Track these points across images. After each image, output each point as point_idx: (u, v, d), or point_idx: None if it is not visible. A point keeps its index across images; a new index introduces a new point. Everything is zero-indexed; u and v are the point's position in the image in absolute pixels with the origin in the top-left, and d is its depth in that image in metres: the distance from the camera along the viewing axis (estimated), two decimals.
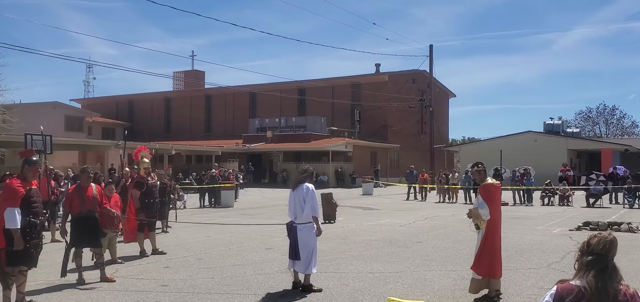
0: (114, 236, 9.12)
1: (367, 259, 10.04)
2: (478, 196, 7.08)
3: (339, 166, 41.41)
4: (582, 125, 65.17)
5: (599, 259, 3.11)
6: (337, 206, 17.31)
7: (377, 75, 50.02)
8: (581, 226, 14.85)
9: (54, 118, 44.61)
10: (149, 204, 10.33)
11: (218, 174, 24.93)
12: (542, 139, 40.27)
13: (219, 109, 58.47)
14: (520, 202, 25.04)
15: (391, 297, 3.63)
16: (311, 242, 7.43)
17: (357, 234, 13.65)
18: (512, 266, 9.28)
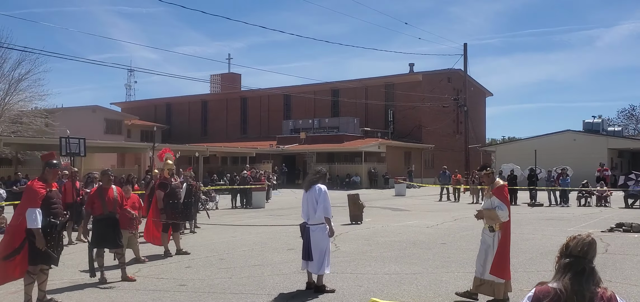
0: (132, 235, 9.36)
1: (387, 260, 10.02)
2: (493, 198, 6.99)
3: (372, 166, 41.27)
4: (625, 123, 63.16)
5: (577, 262, 3.08)
6: (364, 206, 17.27)
7: (410, 75, 49.63)
8: (614, 227, 14.44)
9: (94, 121, 45.96)
10: (173, 205, 10.54)
11: (249, 175, 25.19)
12: (581, 138, 39.28)
13: (254, 110, 59.07)
14: (555, 203, 24.49)
15: (373, 299, 3.63)
16: (324, 243, 7.47)
17: (381, 236, 13.61)
18: (533, 268, 9.12)
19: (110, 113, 49.22)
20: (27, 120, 37.16)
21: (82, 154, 17.24)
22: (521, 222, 16.79)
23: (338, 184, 40.03)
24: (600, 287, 3.02)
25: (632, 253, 10.63)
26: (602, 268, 9.10)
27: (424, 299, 7.20)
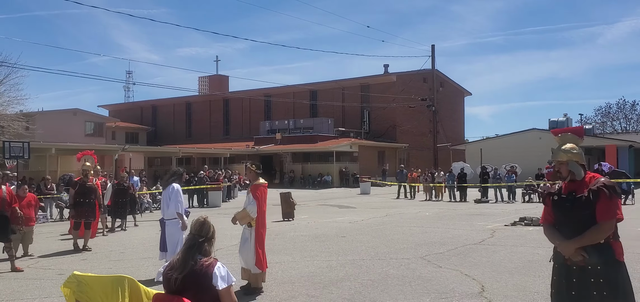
0: (29, 231, 10.29)
1: (274, 252, 10.88)
2: (249, 194, 7.63)
3: (343, 166, 42.15)
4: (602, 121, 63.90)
5: (191, 237, 4.03)
6: (296, 204, 18.18)
7: (385, 75, 50.50)
8: (517, 221, 15.34)
9: (75, 124, 46.89)
10: (82, 203, 11.46)
11: (207, 175, 26.10)
12: (547, 137, 40.03)
13: (236, 112, 60.03)
14: (502, 200, 25.38)
15: (76, 272, 4.49)
16: (176, 235, 8.38)
17: (295, 231, 14.49)
18: (395, 256, 10.00)
19: (91, 116, 50.16)
20: (5, 124, 38.08)
21: (27, 156, 18.12)
22: (444, 218, 17.70)
23: (310, 184, 40.97)
24: (205, 259, 3.94)
25: (510, 244, 11.48)
26: (472, 253, 10.04)
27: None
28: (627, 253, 9.64)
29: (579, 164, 4.11)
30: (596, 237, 3.85)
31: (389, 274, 8.36)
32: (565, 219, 4.00)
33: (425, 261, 9.43)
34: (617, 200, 3.92)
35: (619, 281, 3.87)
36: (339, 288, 7.49)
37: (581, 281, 3.92)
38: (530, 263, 9.09)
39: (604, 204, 3.85)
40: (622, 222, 3.97)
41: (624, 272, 3.96)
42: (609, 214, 3.85)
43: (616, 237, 3.99)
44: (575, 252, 3.89)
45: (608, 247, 3.89)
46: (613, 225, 3.89)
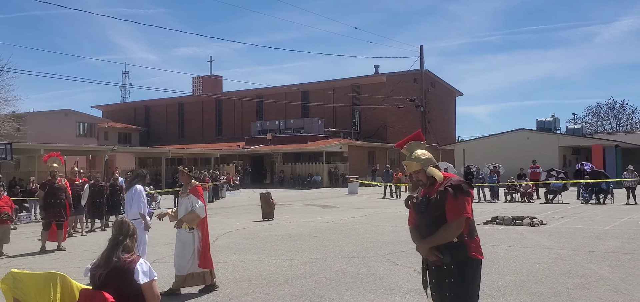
0: (6, 231, 10.54)
1: (242, 251, 11.18)
2: (190, 197, 7.71)
3: (333, 166, 42.41)
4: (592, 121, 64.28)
5: (113, 237, 4.30)
6: (275, 204, 18.42)
7: (375, 76, 50.80)
8: (489, 220, 15.60)
9: (66, 125, 47.08)
10: (52, 204, 11.71)
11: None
12: (534, 137, 40.47)
13: (228, 112, 60.27)
14: (484, 199, 25.66)
15: (13, 269, 4.74)
16: (140, 236, 8.57)
17: (271, 231, 14.74)
18: (358, 254, 10.26)
19: (83, 117, 50.34)
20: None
21: (9, 157, 18.35)
22: None
23: (299, 184, 41.23)
24: (128, 255, 4.20)
25: None
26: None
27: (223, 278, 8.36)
28: (587, 250, 9.98)
29: (432, 165, 4.15)
30: (446, 236, 3.89)
31: (345, 272, 8.62)
32: (423, 220, 4.05)
33: (385, 259, 9.70)
34: (463, 199, 3.91)
35: (470, 280, 3.90)
36: (293, 286, 7.75)
37: (438, 280, 3.97)
38: (485, 261, 9.34)
39: (450, 203, 3.87)
40: (592, 219, 4.10)
41: (479, 270, 3.98)
42: (455, 213, 3.87)
43: (471, 235, 3.99)
44: (430, 252, 3.95)
45: (461, 245, 3.90)
46: (461, 223, 3.89)
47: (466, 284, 3.88)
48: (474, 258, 3.95)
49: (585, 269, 8.47)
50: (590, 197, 22.93)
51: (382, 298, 6.94)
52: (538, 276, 8.05)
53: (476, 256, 3.97)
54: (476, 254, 3.98)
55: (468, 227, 3.96)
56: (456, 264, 3.89)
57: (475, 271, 3.98)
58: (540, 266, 8.82)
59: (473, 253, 3.95)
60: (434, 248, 3.93)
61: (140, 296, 4.16)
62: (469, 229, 3.97)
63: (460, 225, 3.90)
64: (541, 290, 7.14)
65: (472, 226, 4.03)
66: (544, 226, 14.48)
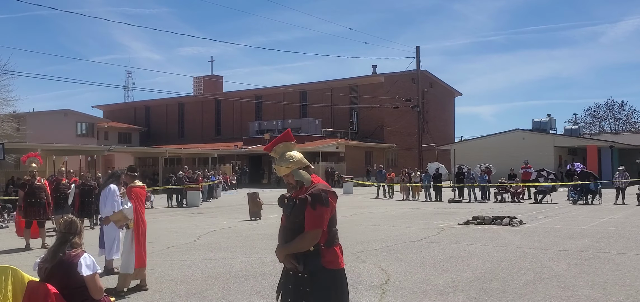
0: None
1: (220, 249, 11.45)
2: (125, 197, 7.95)
3: (330, 166, 42.69)
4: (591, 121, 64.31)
5: (61, 235, 4.59)
6: (263, 204, 18.70)
7: (373, 76, 51.07)
8: (470, 220, 15.85)
9: (66, 125, 47.49)
10: (32, 203, 12.02)
11: (186, 175, 26.67)
12: (529, 137, 40.63)
13: (227, 112, 60.66)
14: (474, 200, 25.88)
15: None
16: (113, 234, 8.93)
17: (256, 230, 15.02)
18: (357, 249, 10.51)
19: (83, 117, 50.72)
20: None
21: (1, 158, 18.72)
22: (406, 216, 18.23)
23: None
24: (74, 250, 4.50)
25: (446, 241, 12.01)
26: (405, 250, 10.55)
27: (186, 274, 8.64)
28: (554, 249, 10.23)
29: (302, 168, 4.07)
30: (301, 245, 3.79)
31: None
32: (287, 224, 3.95)
33: (355, 257, 9.97)
34: (322, 209, 3.77)
35: (325, 290, 3.80)
36: (257, 282, 8.03)
37: (294, 288, 3.89)
38: (451, 259, 9.62)
39: (309, 213, 3.77)
40: (573, 219, 4.21)
41: (335, 280, 3.85)
42: (312, 223, 3.76)
43: (330, 244, 3.87)
44: (286, 259, 3.87)
45: (316, 255, 3.80)
46: (317, 235, 3.76)
47: (320, 294, 3.78)
48: (328, 268, 3.82)
49: (544, 266, 8.72)
50: (578, 198, 23.12)
51: None
52: (495, 272, 8.31)
53: (331, 266, 3.84)
54: (331, 264, 3.85)
55: (326, 237, 3.84)
56: (309, 273, 3.80)
57: (331, 281, 3.84)
58: (502, 263, 9.07)
59: (328, 263, 3.83)
60: (290, 255, 3.84)
61: (83, 288, 4.46)
62: (326, 239, 3.84)
63: (315, 236, 3.77)
64: (492, 286, 7.40)
65: (332, 235, 3.90)
66: (522, 225, 14.71)
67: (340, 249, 3.99)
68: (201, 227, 15.99)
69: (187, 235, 14.09)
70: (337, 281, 3.85)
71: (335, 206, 3.93)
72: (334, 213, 3.91)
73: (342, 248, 4.00)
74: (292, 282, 3.89)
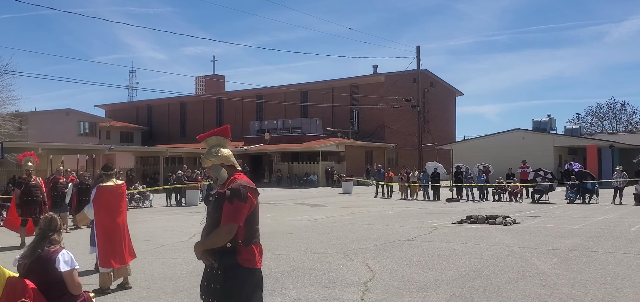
0: None
1: None
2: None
3: (330, 165, 42.78)
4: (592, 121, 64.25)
5: (41, 231, 4.70)
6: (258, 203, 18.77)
7: (374, 76, 51.15)
8: (464, 219, 15.93)
9: (67, 124, 47.73)
10: (28, 202, 12.16)
11: (185, 175, 26.80)
12: (529, 137, 40.67)
13: (228, 112, 60.82)
14: (472, 199, 25.95)
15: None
16: None
17: None
18: (321, 251, 10.63)
19: (84, 116, 50.96)
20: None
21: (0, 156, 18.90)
22: (402, 216, 18.31)
23: (296, 183, 41.63)
24: (53, 247, 4.61)
25: (437, 240, 12.09)
26: (394, 249, 10.63)
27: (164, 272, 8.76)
28: (542, 247, 10.32)
29: (225, 165, 4.05)
30: (215, 240, 3.76)
31: (299, 267, 9.00)
32: (210, 220, 3.93)
33: (344, 255, 10.07)
34: (239, 205, 3.76)
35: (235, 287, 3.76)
36: None
37: (208, 284, 3.86)
38: (438, 257, 9.71)
39: (226, 207, 3.74)
40: (567, 219, 4.31)
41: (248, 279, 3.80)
42: (227, 217, 3.73)
43: (248, 243, 3.84)
44: (203, 255, 3.82)
45: (232, 252, 3.77)
46: (232, 229, 3.73)
47: (229, 292, 3.75)
48: (242, 267, 3.79)
49: (529, 265, 8.80)
50: (575, 197, 23.18)
51: (321, 290, 7.31)
52: (480, 271, 8.40)
53: (247, 264, 3.81)
54: (248, 263, 3.82)
55: (244, 234, 3.82)
56: (223, 270, 3.76)
57: (244, 279, 3.80)
58: (488, 261, 9.16)
59: (244, 261, 3.80)
60: (207, 252, 3.81)
61: (62, 284, 4.57)
62: (244, 236, 3.83)
63: (230, 231, 3.74)
64: (475, 284, 7.49)
65: (251, 233, 3.89)
66: (516, 224, 14.79)
67: (260, 249, 3.95)
68: (196, 226, 16.09)
69: (181, 233, 14.22)
70: (250, 280, 3.80)
71: (256, 204, 3.89)
72: (254, 210, 3.88)
73: (261, 249, 3.95)
74: (207, 279, 3.88)
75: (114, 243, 7.62)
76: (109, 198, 7.76)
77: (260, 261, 3.91)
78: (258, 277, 3.89)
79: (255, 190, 3.90)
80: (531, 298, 6.71)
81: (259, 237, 3.99)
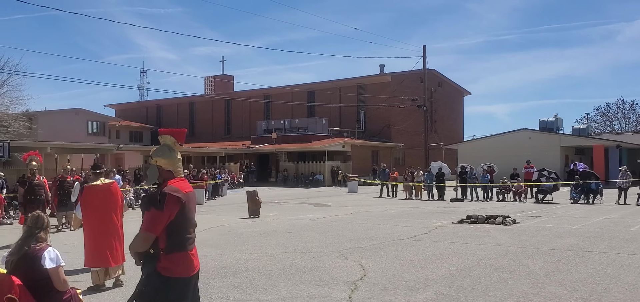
0: None
1: (212, 246, 11.71)
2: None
3: (335, 165, 42.87)
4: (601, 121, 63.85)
5: (28, 229, 4.84)
6: (261, 202, 18.95)
7: (380, 75, 51.19)
8: (464, 219, 15.97)
9: (77, 124, 48.18)
10: (32, 200, 12.39)
11: (190, 174, 27.02)
12: (536, 137, 40.51)
13: (236, 112, 61.13)
14: (476, 199, 25.94)
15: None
16: None
17: (252, 228, 15.24)
18: (317, 250, 10.75)
19: (93, 116, 51.41)
20: (6, 123, 39.42)
21: (7, 156, 19.17)
22: (403, 215, 18.38)
23: (302, 182, 41.76)
24: (39, 244, 4.76)
25: (434, 240, 12.16)
26: (390, 248, 10.73)
27: None
28: (537, 247, 10.37)
29: (163, 169, 4.03)
30: (134, 245, 3.77)
31: (293, 265, 9.12)
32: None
33: (339, 254, 10.17)
34: (155, 213, 3.71)
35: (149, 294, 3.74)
36: (237, 277, 8.26)
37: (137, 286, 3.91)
38: (432, 256, 9.79)
39: (144, 214, 3.76)
40: (567, 219, 4.34)
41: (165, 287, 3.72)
42: (143, 224, 3.73)
43: (170, 251, 3.77)
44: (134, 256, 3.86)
45: (154, 258, 3.75)
46: (146, 237, 3.70)
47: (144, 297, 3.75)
48: (161, 275, 3.72)
49: (521, 264, 8.87)
50: (579, 198, 23.12)
51: (312, 288, 7.42)
52: (471, 270, 8.47)
53: (165, 273, 3.73)
54: (166, 271, 3.74)
55: (165, 242, 3.76)
56: (146, 275, 3.77)
57: (158, 288, 3.74)
58: (481, 261, 9.23)
59: (162, 269, 3.73)
60: (136, 254, 3.82)
61: (48, 281, 4.72)
62: (165, 244, 3.76)
63: (145, 238, 3.72)
64: (464, 283, 7.57)
65: (175, 241, 3.80)
66: (515, 224, 14.81)
67: (188, 258, 3.83)
68: (199, 225, 16.14)
69: None
70: (167, 289, 3.71)
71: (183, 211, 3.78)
72: (181, 219, 3.78)
73: (191, 258, 3.83)
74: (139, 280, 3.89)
75: (100, 243, 7.58)
76: (94, 198, 7.82)
77: (186, 271, 3.77)
78: (180, 288, 3.74)
79: (178, 199, 3.75)
80: (517, 296, 6.79)
81: (187, 246, 3.83)
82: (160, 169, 4.05)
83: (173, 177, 4.01)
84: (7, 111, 40.36)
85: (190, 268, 3.81)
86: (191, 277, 3.86)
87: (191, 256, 3.86)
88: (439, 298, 6.81)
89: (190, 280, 3.84)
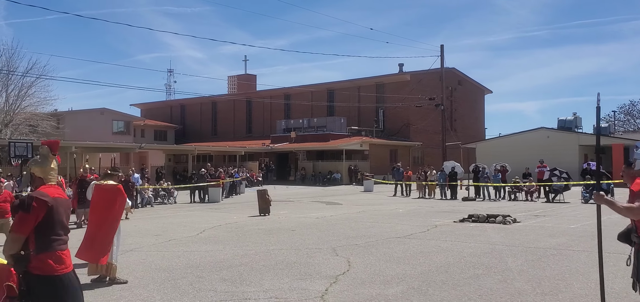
0: (6, 222, 12.04)
1: (216, 242, 12.35)
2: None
3: (353, 164, 43.35)
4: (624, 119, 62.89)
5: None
6: (271, 200, 19.57)
7: (399, 74, 51.46)
8: (465, 218, 16.33)
9: (102, 123, 49.61)
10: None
11: (208, 172, 27.81)
12: (554, 136, 40.40)
13: (257, 111, 62.01)
14: (488, 198, 26.18)
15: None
16: None
17: (259, 225, 15.86)
18: (312, 247, 11.30)
19: (118, 115, 52.83)
20: (35, 123, 40.98)
21: (30, 156, 20.12)
22: (410, 214, 18.81)
23: (320, 181, 42.37)
24: None
25: (429, 238, 12.61)
26: (383, 246, 11.25)
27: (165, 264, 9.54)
28: (525, 246, 10.82)
29: (35, 176, 4.35)
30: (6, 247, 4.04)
31: (285, 261, 9.69)
32: None
33: (332, 251, 10.71)
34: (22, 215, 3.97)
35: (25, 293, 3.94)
36: (230, 271, 8.86)
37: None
38: (419, 254, 10.26)
39: (15, 217, 4.03)
40: (569, 218, 4.71)
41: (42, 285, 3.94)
42: (12, 226, 4.06)
43: (40, 251, 3.99)
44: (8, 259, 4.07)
45: (25, 259, 3.97)
46: (16, 239, 3.97)
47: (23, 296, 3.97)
48: (33, 274, 3.98)
49: (500, 262, 9.28)
50: (590, 197, 23.16)
51: (295, 282, 7.98)
52: (449, 266, 8.93)
53: (36, 272, 3.98)
54: (38, 270, 3.99)
55: (34, 243, 4.01)
56: (22, 276, 3.99)
57: (40, 286, 3.97)
58: (464, 258, 9.67)
59: (33, 268, 3.98)
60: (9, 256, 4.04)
61: None
62: (35, 245, 4.00)
63: (15, 240, 4.00)
64: (437, 278, 8.05)
65: (45, 241, 4.04)
66: (515, 223, 15.12)
67: (57, 257, 4.05)
68: (210, 221, 16.95)
69: (193, 229, 15.04)
70: (41, 288, 3.96)
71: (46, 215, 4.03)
72: (49, 220, 4.03)
73: (61, 258, 4.06)
74: None
75: (95, 239, 8.10)
76: (99, 196, 8.48)
77: (59, 269, 4.01)
78: (55, 285, 3.99)
79: (45, 202, 4.02)
80: (482, 291, 7.24)
81: (56, 246, 4.08)
82: (33, 176, 4.41)
83: (44, 184, 4.35)
84: (35, 111, 41.95)
85: (62, 267, 4.05)
86: (64, 275, 4.06)
87: (62, 255, 4.10)
88: (409, 292, 7.30)
89: (63, 278, 4.05)
